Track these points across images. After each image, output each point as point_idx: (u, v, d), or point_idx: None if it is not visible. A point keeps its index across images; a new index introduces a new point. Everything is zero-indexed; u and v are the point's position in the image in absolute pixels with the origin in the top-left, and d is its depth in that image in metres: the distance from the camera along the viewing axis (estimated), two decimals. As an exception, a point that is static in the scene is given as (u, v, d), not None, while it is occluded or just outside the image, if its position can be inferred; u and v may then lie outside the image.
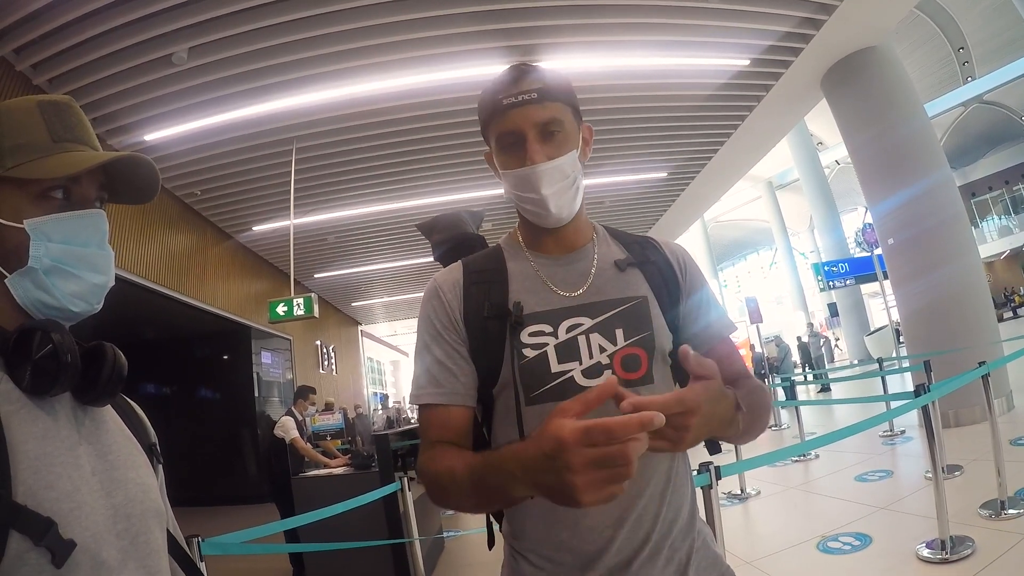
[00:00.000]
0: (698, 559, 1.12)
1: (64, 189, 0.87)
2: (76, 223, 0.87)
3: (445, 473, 1.01)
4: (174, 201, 9.50)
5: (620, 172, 11.18)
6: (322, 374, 17.18)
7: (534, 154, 1.09)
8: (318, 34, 6.22)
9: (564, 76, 1.17)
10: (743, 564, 4.24)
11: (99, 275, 0.89)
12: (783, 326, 29.31)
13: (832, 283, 16.33)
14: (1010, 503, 4.11)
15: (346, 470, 5.94)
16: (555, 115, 1.11)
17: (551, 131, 1.11)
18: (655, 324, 1.15)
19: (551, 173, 1.10)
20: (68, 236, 0.86)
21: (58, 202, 0.87)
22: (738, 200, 32.71)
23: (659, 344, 1.14)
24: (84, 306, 0.88)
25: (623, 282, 1.18)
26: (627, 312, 1.14)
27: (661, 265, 1.22)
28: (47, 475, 0.75)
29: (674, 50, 7.50)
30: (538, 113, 1.10)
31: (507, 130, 1.12)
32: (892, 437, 7.47)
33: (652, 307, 1.16)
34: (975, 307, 7.69)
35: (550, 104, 1.11)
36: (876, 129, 8.14)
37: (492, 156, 1.21)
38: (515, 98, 1.10)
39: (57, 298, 0.85)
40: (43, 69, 6.14)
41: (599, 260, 1.21)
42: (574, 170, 1.14)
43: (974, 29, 23.04)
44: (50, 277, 0.84)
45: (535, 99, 1.10)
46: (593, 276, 1.18)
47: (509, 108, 1.11)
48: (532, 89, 1.10)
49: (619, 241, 1.26)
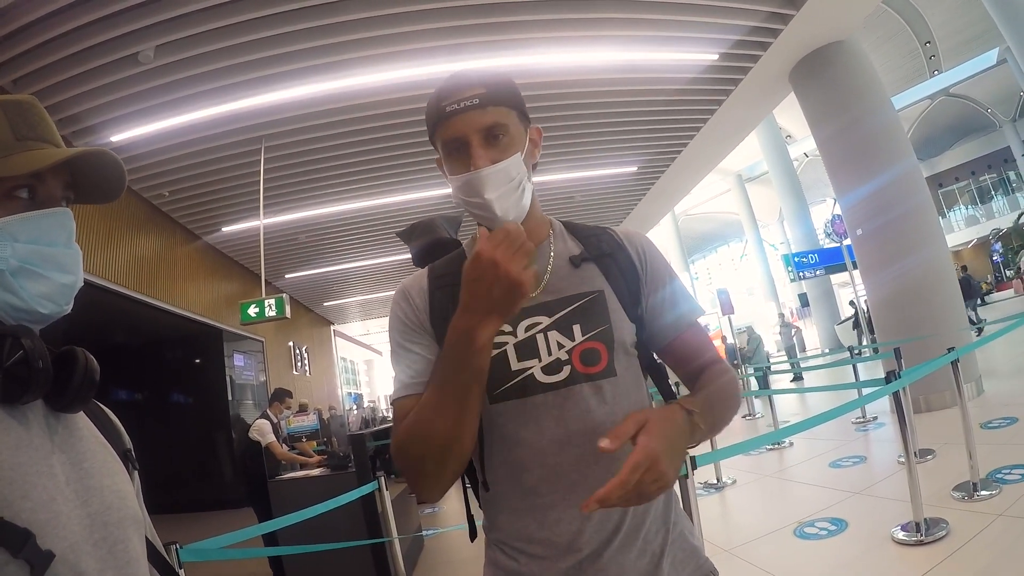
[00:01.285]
0: (674, 551, 1.13)
1: (29, 188, 0.85)
2: (42, 222, 0.85)
3: (413, 417, 1.04)
4: (141, 203, 9.33)
5: (590, 167, 11.20)
6: (296, 375, 17.05)
7: (477, 159, 1.09)
8: (286, 31, 6.14)
9: (508, 79, 1.17)
10: (721, 552, 4.29)
11: (67, 275, 0.87)
12: (755, 317, 29.62)
13: (802, 274, 16.47)
14: (982, 485, 4.20)
15: (323, 471, 5.90)
16: (498, 119, 1.11)
17: (495, 135, 1.11)
18: (613, 317, 1.15)
19: (495, 177, 1.09)
20: (35, 236, 0.83)
21: (23, 202, 0.84)
22: (708, 193, 32.98)
23: (619, 337, 1.14)
24: (53, 307, 0.86)
25: (578, 278, 1.18)
26: (583, 307, 1.15)
27: (618, 257, 1.22)
28: (22, 485, 0.73)
29: (643, 45, 7.52)
30: (480, 119, 1.10)
31: (451, 137, 1.12)
32: (865, 423, 7.59)
33: (610, 300, 1.17)
34: (943, 294, 7.82)
35: (492, 109, 1.10)
36: (844, 122, 8.25)
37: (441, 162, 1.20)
38: (457, 104, 1.10)
39: (25, 300, 0.82)
40: (6, 70, 5.98)
41: (555, 258, 1.21)
42: (519, 172, 1.13)
43: (941, 23, 23.42)
44: (17, 278, 0.82)
45: (477, 104, 1.09)
46: (549, 274, 1.19)
47: (452, 115, 1.11)
48: (474, 95, 1.10)
49: (575, 236, 1.26)
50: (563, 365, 1.11)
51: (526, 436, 1.10)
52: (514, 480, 1.11)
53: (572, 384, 1.11)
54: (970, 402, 5.10)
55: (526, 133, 1.18)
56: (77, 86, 6.42)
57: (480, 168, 1.08)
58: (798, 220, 22.68)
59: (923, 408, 7.24)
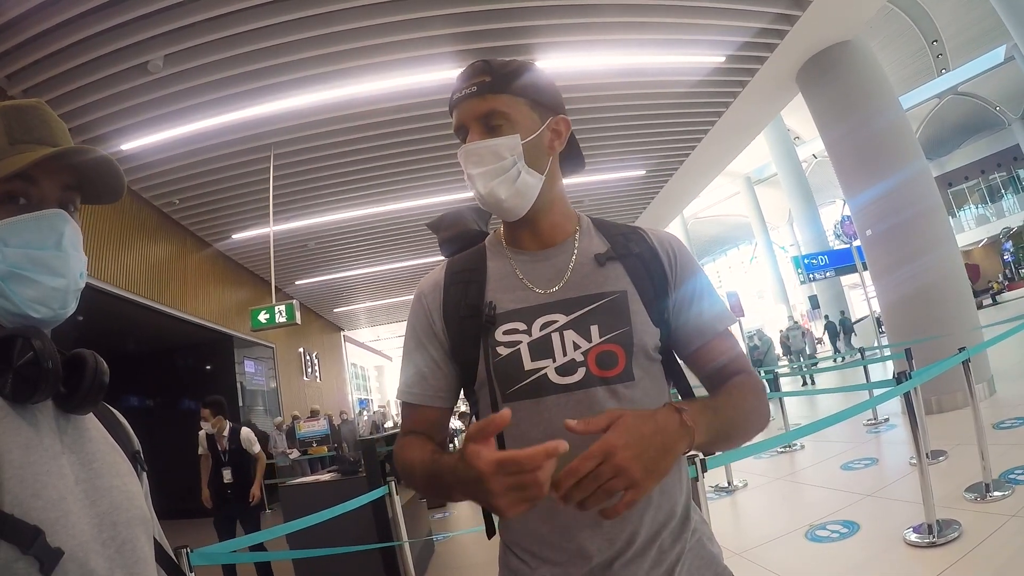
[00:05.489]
0: (690, 559, 1.09)
1: (24, 192, 0.85)
2: (31, 225, 0.84)
3: (408, 463, 1.11)
4: (152, 211, 9.40)
5: (598, 171, 11.20)
6: (306, 381, 17.10)
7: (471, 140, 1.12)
8: (293, 39, 6.19)
9: (523, 67, 1.16)
10: (733, 556, 4.26)
11: (57, 278, 0.85)
12: (765, 320, 29.51)
13: (812, 275, 16.42)
14: (995, 486, 4.16)
15: (333, 476, 5.90)
16: (496, 107, 1.11)
17: (494, 124, 1.11)
18: (635, 320, 1.11)
19: (477, 153, 1.11)
20: (25, 240, 0.83)
21: (20, 207, 0.84)
22: (717, 196, 32.88)
23: (639, 340, 1.10)
24: (47, 312, 0.85)
25: (602, 276, 1.15)
26: (604, 308, 1.11)
27: (646, 257, 1.18)
28: (33, 484, 0.74)
29: (649, 48, 7.53)
30: (478, 106, 1.12)
31: (457, 124, 1.16)
32: (876, 425, 7.53)
33: (632, 302, 1.12)
34: (954, 295, 7.76)
35: (492, 97, 1.11)
36: (852, 122, 8.21)
37: None
38: (460, 92, 1.14)
39: (17, 304, 0.82)
40: (17, 80, 6.07)
41: (579, 255, 1.18)
42: (511, 154, 1.11)
43: (947, 22, 23.32)
44: (8, 283, 0.81)
45: (475, 92, 1.12)
46: (571, 271, 1.16)
47: (456, 103, 1.15)
48: (474, 83, 1.12)
49: (603, 233, 1.23)
50: (578, 366, 1.08)
51: (538, 438, 1.04)
52: None
53: (586, 387, 1.07)
54: (982, 403, 5.05)
55: (541, 122, 1.16)
56: (87, 95, 6.49)
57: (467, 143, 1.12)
58: (807, 222, 22.61)
59: (935, 409, 7.18)
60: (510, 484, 0.82)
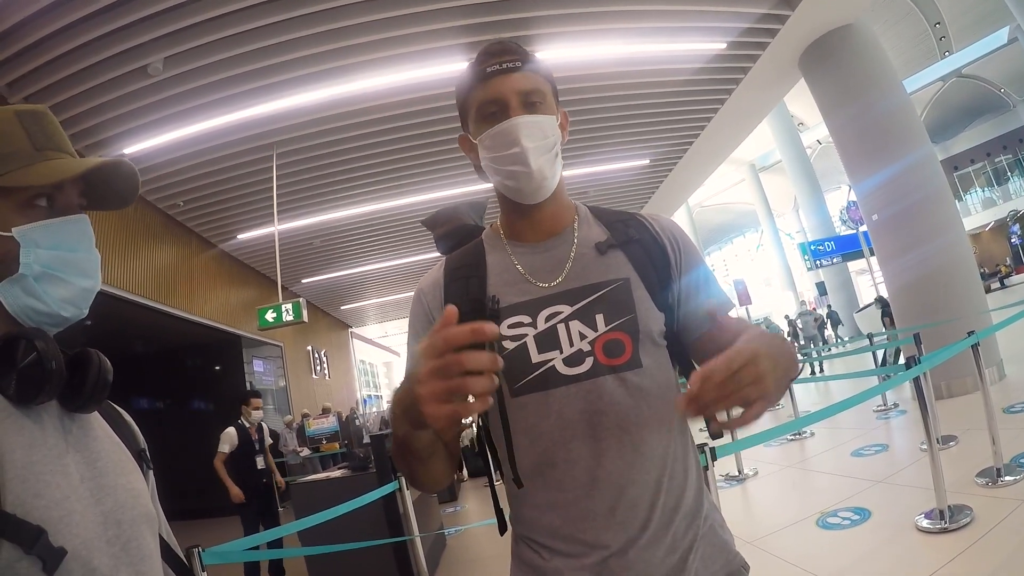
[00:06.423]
0: (703, 546, 1.09)
1: (48, 197, 0.88)
2: (64, 228, 0.88)
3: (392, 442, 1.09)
4: (157, 213, 9.43)
5: (602, 161, 11.17)
6: (315, 379, 17.14)
7: (515, 114, 1.10)
8: (294, 37, 6.17)
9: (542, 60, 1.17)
10: (745, 544, 4.26)
11: (88, 279, 0.90)
12: (773, 307, 29.47)
13: (819, 262, 16.42)
14: (1006, 470, 4.15)
15: (344, 472, 5.93)
16: (538, 86, 1.12)
17: (533, 102, 1.11)
18: (639, 307, 1.10)
19: (531, 126, 1.09)
20: (57, 242, 0.87)
21: (43, 210, 0.87)
22: (722, 184, 32.85)
23: (644, 327, 1.10)
24: (74, 311, 0.89)
25: (603, 265, 1.14)
26: (607, 296, 1.11)
27: (647, 243, 1.18)
28: (35, 484, 0.75)
29: (650, 36, 7.49)
30: (522, 81, 1.10)
31: (489, 98, 1.11)
32: (886, 411, 7.52)
33: (636, 289, 1.12)
34: (962, 279, 7.74)
35: (532, 75, 1.11)
36: (856, 107, 8.17)
37: (467, 137, 1.20)
38: (499, 65, 1.11)
39: (48, 304, 0.86)
40: (18, 87, 6.08)
41: (579, 244, 1.17)
42: (554, 135, 1.12)
43: (950, 4, 23.19)
44: (40, 283, 0.85)
45: (518, 67, 1.11)
46: (572, 262, 1.15)
47: (492, 75, 1.11)
48: (516, 58, 1.11)
49: (602, 221, 1.23)
50: (585, 356, 1.07)
51: (548, 430, 1.07)
52: (538, 475, 1.08)
53: (595, 376, 1.07)
54: (992, 387, 5.02)
55: (557, 110, 1.17)
56: (89, 100, 6.50)
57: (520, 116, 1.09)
58: (813, 208, 22.54)
59: (944, 394, 7.16)
60: (435, 367, 0.75)
